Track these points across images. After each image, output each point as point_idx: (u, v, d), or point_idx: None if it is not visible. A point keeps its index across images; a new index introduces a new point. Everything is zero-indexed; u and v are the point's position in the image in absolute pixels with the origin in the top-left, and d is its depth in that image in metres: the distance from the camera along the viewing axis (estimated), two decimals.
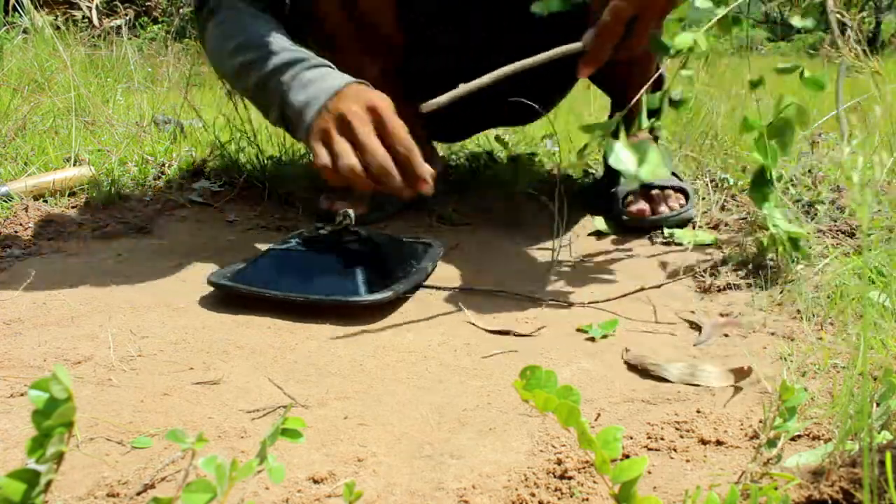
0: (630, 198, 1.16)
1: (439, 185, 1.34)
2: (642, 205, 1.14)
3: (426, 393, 0.64)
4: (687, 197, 1.16)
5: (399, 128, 0.82)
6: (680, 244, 1.10)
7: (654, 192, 1.16)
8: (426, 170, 0.82)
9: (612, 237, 1.14)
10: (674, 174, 1.23)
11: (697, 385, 0.65)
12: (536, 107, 1.10)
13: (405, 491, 0.49)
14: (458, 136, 1.54)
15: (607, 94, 1.37)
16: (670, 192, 1.16)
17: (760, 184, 0.93)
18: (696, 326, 0.79)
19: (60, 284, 0.88)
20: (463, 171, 1.58)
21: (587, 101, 2.11)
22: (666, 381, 0.66)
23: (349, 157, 0.81)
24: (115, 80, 2.27)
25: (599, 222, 1.16)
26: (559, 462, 0.52)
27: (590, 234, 1.16)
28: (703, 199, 1.35)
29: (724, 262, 0.99)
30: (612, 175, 1.24)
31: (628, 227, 1.14)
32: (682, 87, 0.92)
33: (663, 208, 1.14)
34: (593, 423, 0.59)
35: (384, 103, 0.84)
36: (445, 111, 0.82)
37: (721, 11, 0.87)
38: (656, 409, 0.61)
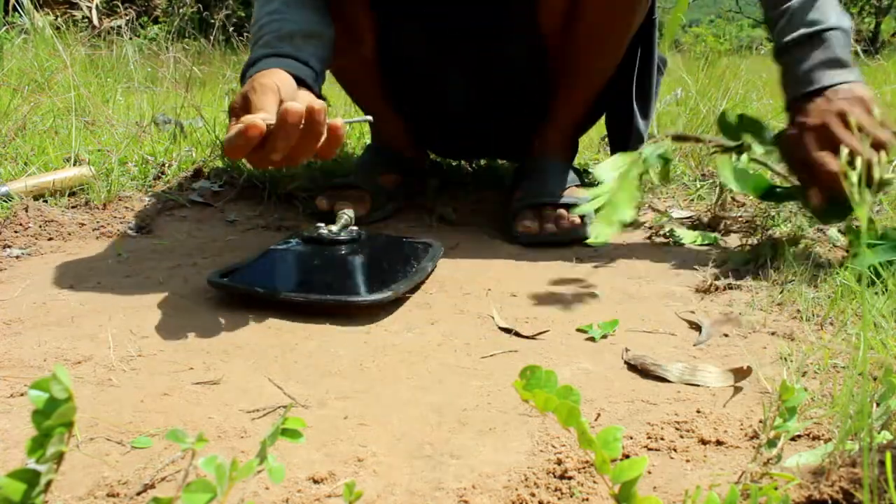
0: (523, 213, 1.14)
1: (439, 185, 1.35)
2: (529, 223, 1.12)
3: (426, 393, 0.64)
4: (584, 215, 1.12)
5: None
6: (680, 244, 1.11)
7: (546, 210, 1.13)
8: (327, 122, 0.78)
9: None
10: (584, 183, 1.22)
11: (697, 385, 0.65)
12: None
13: (405, 491, 0.49)
14: (452, 155, 1.54)
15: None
16: (563, 210, 1.12)
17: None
18: (696, 326, 0.79)
19: (60, 284, 0.88)
20: (463, 171, 1.58)
21: None
22: (666, 381, 0.66)
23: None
24: (115, 80, 2.27)
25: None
26: (559, 462, 0.52)
27: None
28: (703, 199, 1.35)
29: (724, 261, 0.99)
30: (511, 190, 1.23)
31: (524, 243, 1.11)
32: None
33: (550, 226, 1.11)
34: (593, 423, 0.59)
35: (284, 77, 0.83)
36: (437, 133, 0.80)
37: None
38: (656, 409, 0.61)
